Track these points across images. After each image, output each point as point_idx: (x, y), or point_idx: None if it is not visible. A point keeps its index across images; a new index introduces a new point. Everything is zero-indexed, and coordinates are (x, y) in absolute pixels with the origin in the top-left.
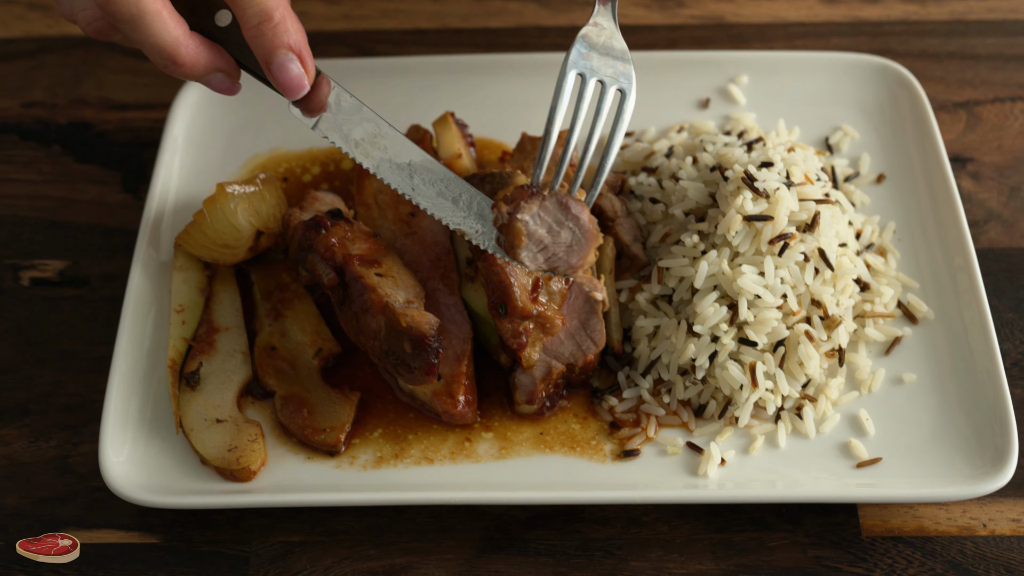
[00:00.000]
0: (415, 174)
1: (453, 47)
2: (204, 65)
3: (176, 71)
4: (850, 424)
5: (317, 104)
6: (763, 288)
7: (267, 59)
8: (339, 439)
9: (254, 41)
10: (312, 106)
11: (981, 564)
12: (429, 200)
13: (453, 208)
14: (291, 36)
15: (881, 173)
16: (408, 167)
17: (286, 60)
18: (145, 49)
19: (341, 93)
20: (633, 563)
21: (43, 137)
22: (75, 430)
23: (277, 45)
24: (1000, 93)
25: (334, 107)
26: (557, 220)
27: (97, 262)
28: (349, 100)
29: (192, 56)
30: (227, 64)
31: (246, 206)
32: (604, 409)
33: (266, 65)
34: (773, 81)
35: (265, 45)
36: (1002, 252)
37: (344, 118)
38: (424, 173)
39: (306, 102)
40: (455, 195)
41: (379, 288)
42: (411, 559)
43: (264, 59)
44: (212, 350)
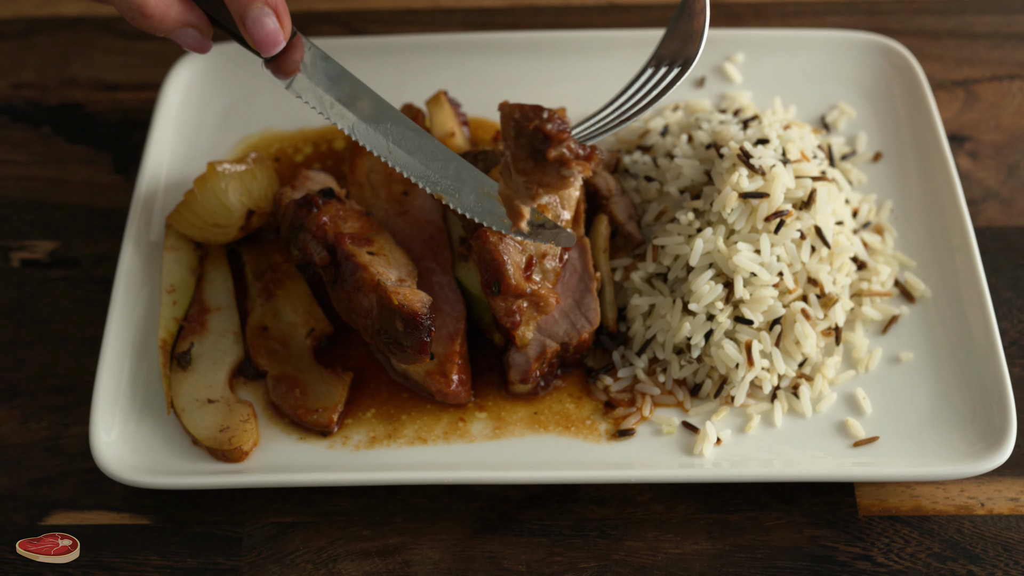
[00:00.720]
0: (391, 137)
1: (446, 26)
2: (174, 19)
3: (145, 23)
4: (847, 403)
5: (291, 64)
6: (759, 266)
7: (242, 13)
8: (332, 419)
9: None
10: (286, 66)
11: (979, 543)
12: (406, 162)
13: (428, 170)
14: None
15: (878, 152)
16: (386, 130)
17: (261, 14)
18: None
19: (318, 55)
20: (628, 543)
21: (33, 118)
22: (66, 411)
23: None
24: (998, 71)
25: (309, 68)
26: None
27: (88, 243)
28: (326, 62)
29: (162, 8)
30: (198, 20)
31: (237, 185)
32: (599, 388)
33: (240, 19)
34: (769, 59)
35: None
36: (1000, 231)
37: (320, 79)
38: (401, 136)
39: (279, 62)
40: (434, 157)
41: (371, 267)
42: (405, 539)
43: (239, 13)
44: (203, 330)
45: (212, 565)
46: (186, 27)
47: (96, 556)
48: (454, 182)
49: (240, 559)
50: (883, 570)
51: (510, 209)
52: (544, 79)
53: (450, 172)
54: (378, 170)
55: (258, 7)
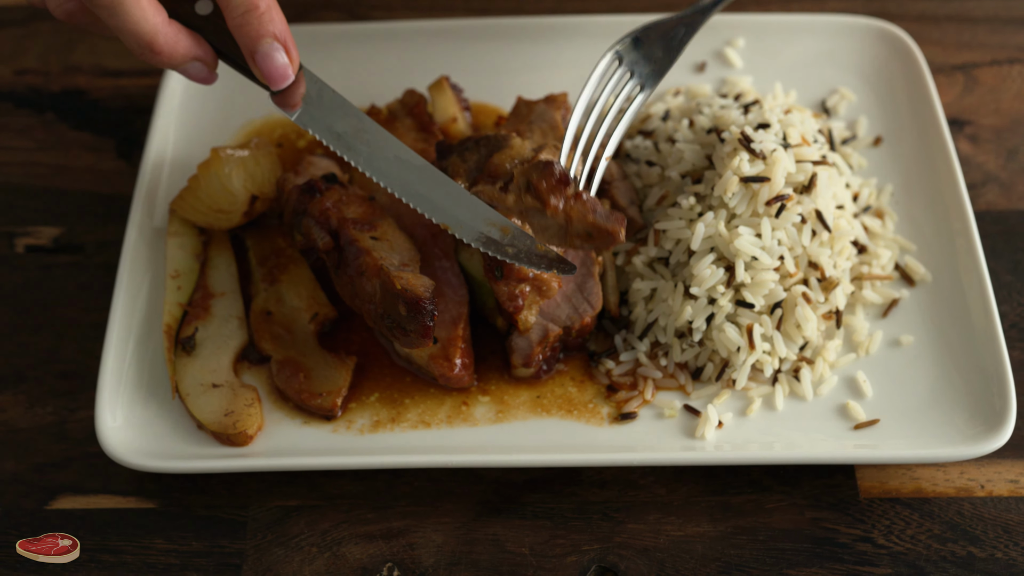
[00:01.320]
0: (398, 168)
1: (448, 12)
2: (182, 54)
3: (153, 59)
4: (848, 386)
5: (296, 97)
6: (760, 250)
7: (252, 48)
8: (335, 403)
9: (239, 30)
10: (291, 99)
11: (979, 525)
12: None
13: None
14: (276, 25)
15: (878, 136)
16: (392, 161)
17: (271, 49)
18: (122, 36)
19: (323, 87)
20: (631, 525)
21: (37, 104)
22: (71, 396)
23: (263, 34)
24: (998, 55)
25: (316, 100)
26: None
27: (92, 229)
28: (331, 94)
29: (170, 45)
30: (205, 53)
31: (241, 171)
32: (601, 372)
33: (250, 54)
34: (769, 44)
35: (251, 34)
36: (1000, 214)
37: (326, 111)
38: (408, 168)
39: (285, 95)
40: (440, 189)
41: (374, 251)
42: (409, 522)
43: (249, 48)
44: (208, 315)
45: (217, 548)
46: (193, 61)
47: (102, 540)
48: (458, 212)
49: (245, 542)
50: (884, 552)
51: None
52: (546, 64)
53: (454, 202)
54: None
55: (268, 42)
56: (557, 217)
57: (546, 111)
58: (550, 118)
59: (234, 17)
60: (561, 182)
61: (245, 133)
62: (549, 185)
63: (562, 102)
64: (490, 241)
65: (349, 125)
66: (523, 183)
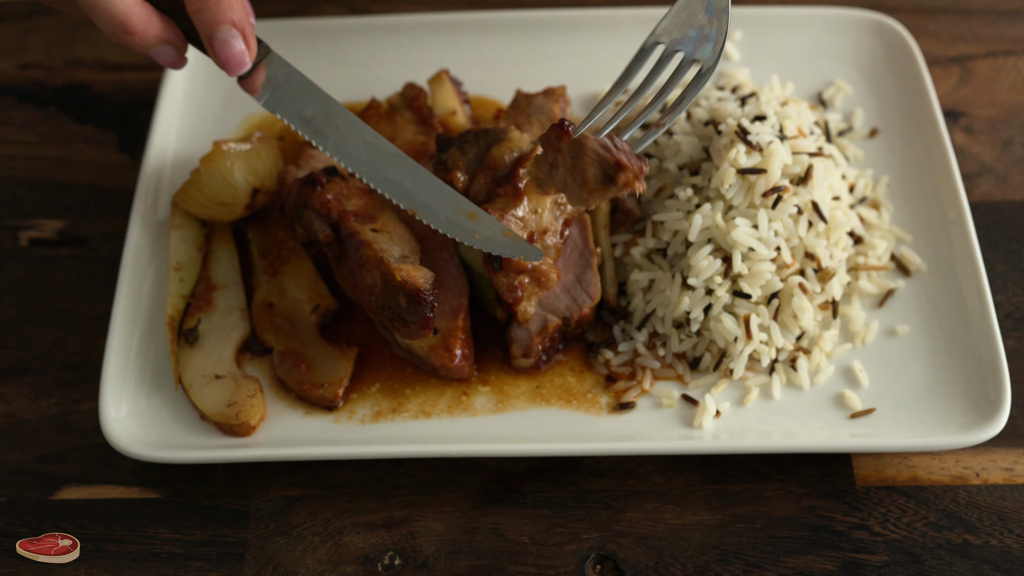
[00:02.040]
0: (368, 154)
1: (448, 5)
2: (154, 36)
3: (125, 40)
4: (844, 375)
5: (256, 83)
6: (757, 241)
7: (209, 33)
8: (337, 394)
9: (197, 15)
10: (251, 85)
11: (974, 512)
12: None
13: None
14: (235, 12)
15: (874, 127)
16: (361, 147)
17: (228, 36)
18: (96, 15)
19: (292, 72)
20: (630, 514)
21: (40, 98)
22: (75, 388)
23: (220, 20)
24: (993, 47)
25: (283, 84)
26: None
27: (95, 222)
28: (300, 79)
29: (143, 26)
30: (175, 37)
31: (242, 164)
32: (600, 362)
33: (208, 40)
34: (766, 36)
35: (208, 19)
36: (995, 205)
37: (294, 96)
38: (377, 154)
39: (246, 80)
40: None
41: (374, 243)
42: (410, 512)
43: (206, 33)
44: (210, 307)
45: (220, 538)
46: (164, 44)
47: (106, 530)
48: (427, 198)
49: (248, 532)
50: (880, 539)
51: None
52: (545, 57)
53: (422, 188)
54: None
55: (225, 28)
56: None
57: (545, 103)
58: (549, 110)
59: (193, 3)
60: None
61: (247, 127)
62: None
63: (560, 95)
64: (457, 227)
65: (317, 110)
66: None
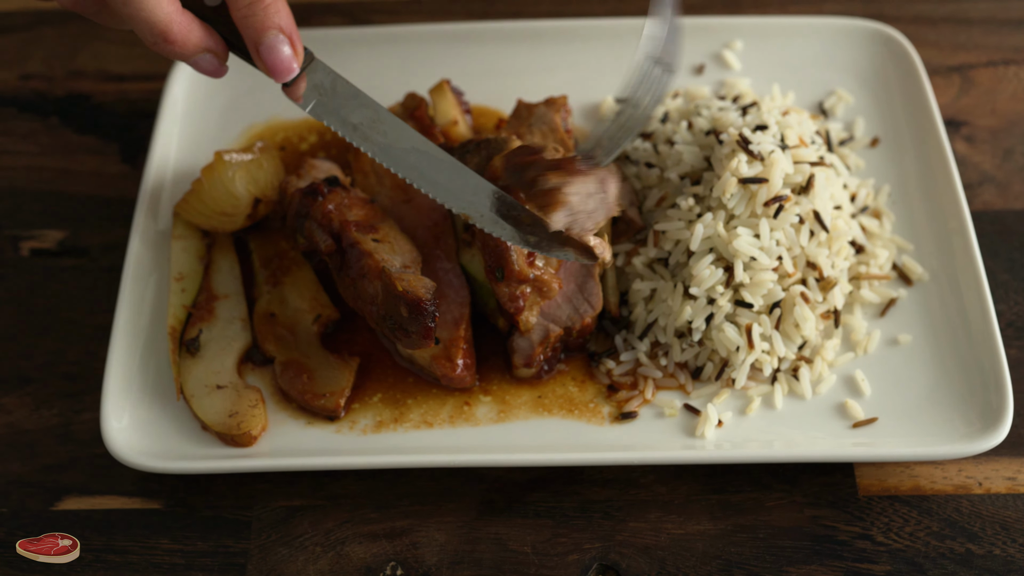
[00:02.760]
0: (415, 158)
1: (449, 15)
2: (195, 44)
3: (166, 49)
4: (846, 385)
5: (300, 89)
6: (758, 250)
7: (256, 40)
8: (339, 404)
9: (244, 21)
10: (296, 92)
11: (977, 522)
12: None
13: (454, 192)
14: (282, 18)
15: (875, 137)
16: (410, 152)
17: (276, 41)
18: (136, 24)
19: (337, 79)
20: (632, 524)
21: (41, 109)
22: (76, 398)
23: (268, 26)
24: (993, 57)
25: (329, 91)
26: (593, 190)
27: (96, 232)
28: (346, 86)
29: (183, 34)
30: (216, 44)
31: (244, 174)
32: (602, 372)
33: (255, 46)
34: (767, 46)
35: (255, 26)
36: (996, 214)
37: (340, 103)
38: (425, 159)
39: (291, 87)
40: (459, 179)
41: (376, 253)
42: (412, 522)
43: (253, 40)
44: (212, 317)
45: (222, 548)
46: (205, 52)
47: (108, 540)
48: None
49: (249, 542)
50: (883, 549)
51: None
52: (545, 67)
53: (474, 191)
54: None
55: (273, 34)
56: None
57: (546, 113)
58: (550, 120)
59: (239, 8)
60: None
61: (248, 136)
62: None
63: (562, 104)
64: (507, 231)
65: (364, 116)
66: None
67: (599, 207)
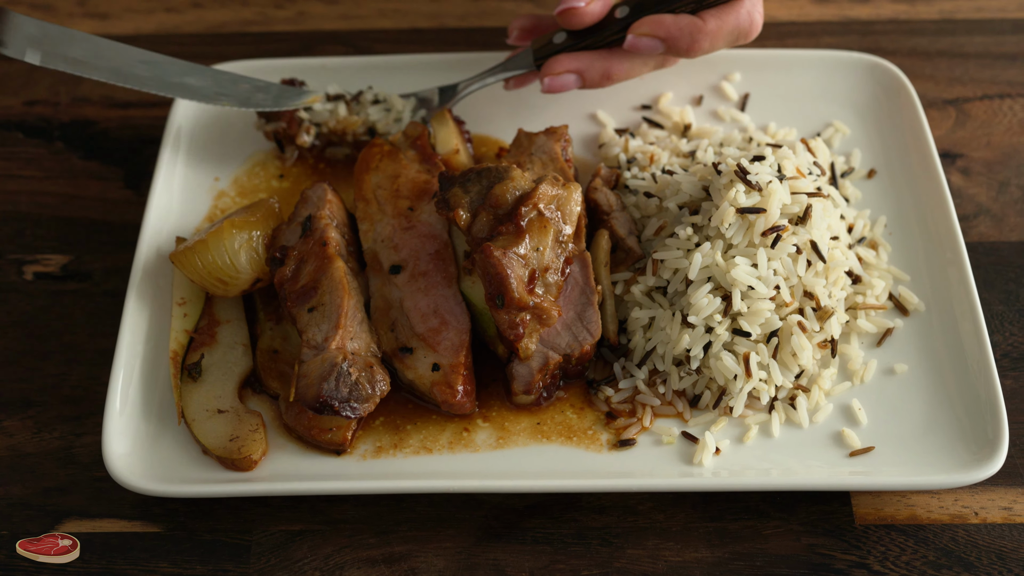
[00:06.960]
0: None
1: (450, 45)
2: None
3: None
4: (843, 414)
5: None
6: (756, 279)
7: None
8: (346, 437)
9: None
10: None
11: (973, 551)
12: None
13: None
14: None
15: (872, 168)
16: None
17: None
18: None
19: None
20: (629, 551)
21: (46, 134)
22: (78, 421)
23: None
24: (989, 90)
25: (40, 38)
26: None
27: (99, 257)
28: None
29: None
30: None
31: (249, 249)
32: (600, 399)
33: None
34: (765, 78)
35: None
36: (991, 246)
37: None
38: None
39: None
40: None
41: (304, 333)
42: (410, 547)
43: None
44: (213, 342)
45: (221, 572)
46: None
47: (108, 564)
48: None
49: (249, 566)
50: None
51: None
52: (546, 97)
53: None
54: (384, 186)
55: None
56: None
57: (546, 143)
58: (550, 149)
59: None
60: None
61: (252, 163)
62: None
63: (562, 134)
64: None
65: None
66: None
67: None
